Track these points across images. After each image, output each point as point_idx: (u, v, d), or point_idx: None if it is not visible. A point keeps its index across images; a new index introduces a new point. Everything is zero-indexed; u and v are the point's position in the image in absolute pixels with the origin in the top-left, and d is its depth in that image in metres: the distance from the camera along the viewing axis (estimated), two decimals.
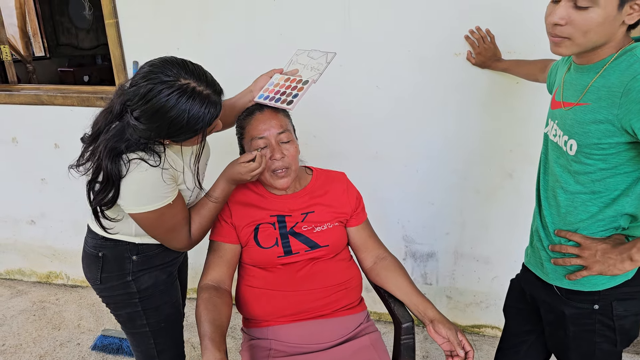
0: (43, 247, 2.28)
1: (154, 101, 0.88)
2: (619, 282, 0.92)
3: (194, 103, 0.90)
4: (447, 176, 1.74)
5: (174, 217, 1.03)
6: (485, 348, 1.85)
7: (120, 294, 1.12)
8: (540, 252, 1.01)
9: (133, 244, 1.09)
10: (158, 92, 0.88)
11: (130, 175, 0.94)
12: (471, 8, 1.49)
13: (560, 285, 0.97)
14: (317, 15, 1.61)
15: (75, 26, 4.65)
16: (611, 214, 0.88)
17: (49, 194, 2.14)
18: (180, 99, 0.88)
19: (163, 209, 0.99)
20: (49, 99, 1.96)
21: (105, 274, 1.10)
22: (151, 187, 0.96)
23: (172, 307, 1.19)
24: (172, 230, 1.04)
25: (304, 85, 1.07)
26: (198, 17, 1.70)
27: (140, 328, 1.15)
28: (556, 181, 0.94)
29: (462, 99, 1.62)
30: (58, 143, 2.04)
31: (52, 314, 2.09)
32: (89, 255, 1.12)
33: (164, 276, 1.15)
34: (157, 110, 0.89)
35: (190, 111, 0.90)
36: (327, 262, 1.15)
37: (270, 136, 1.08)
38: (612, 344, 0.96)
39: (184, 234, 1.07)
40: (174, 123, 0.90)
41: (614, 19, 0.79)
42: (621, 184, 0.86)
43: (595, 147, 0.84)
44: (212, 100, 0.93)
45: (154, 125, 0.91)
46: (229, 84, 1.28)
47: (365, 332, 1.14)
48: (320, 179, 1.22)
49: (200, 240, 1.12)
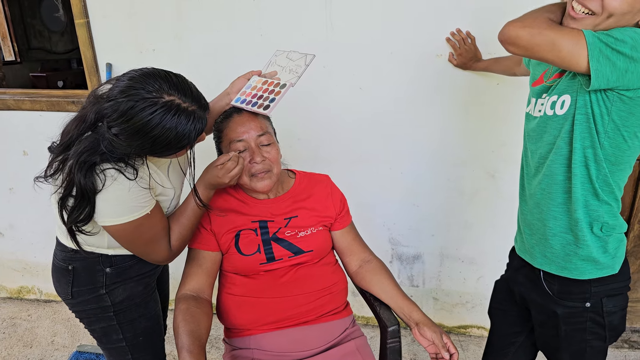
0: (13, 260, 2.18)
1: (135, 119, 0.83)
2: (604, 275, 0.93)
3: (179, 120, 0.85)
4: (432, 178, 1.74)
5: (153, 227, 0.97)
6: (472, 348, 1.85)
7: (94, 308, 1.06)
8: (527, 237, 1.02)
9: (105, 255, 1.04)
10: (140, 110, 0.82)
11: (106, 188, 0.88)
12: (452, 10, 1.50)
13: (549, 271, 0.98)
14: (299, 17, 1.59)
15: (48, 29, 4.49)
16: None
17: (17, 204, 2.05)
18: (164, 117, 0.83)
19: (141, 220, 0.93)
20: (15, 104, 1.88)
21: (77, 287, 1.05)
22: (128, 197, 0.91)
23: (150, 320, 1.14)
24: (150, 242, 0.99)
25: (281, 89, 1.04)
26: (174, 16, 1.65)
27: (116, 343, 1.10)
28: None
29: (445, 100, 1.62)
30: (27, 150, 1.95)
31: (23, 331, 1.99)
32: (58, 268, 1.07)
33: (140, 288, 1.10)
34: (140, 129, 0.83)
35: (175, 129, 0.85)
36: (312, 267, 1.12)
37: (249, 139, 1.05)
38: (602, 341, 0.98)
39: (164, 246, 1.02)
40: (158, 141, 0.85)
41: (635, 14, 0.80)
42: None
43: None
44: (197, 116, 0.88)
45: (135, 143, 0.86)
46: (207, 85, 1.24)
47: (351, 337, 1.13)
48: (303, 182, 1.19)
49: (180, 251, 1.07)
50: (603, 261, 0.93)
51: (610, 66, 0.78)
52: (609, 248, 0.93)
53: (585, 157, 0.87)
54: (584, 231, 0.92)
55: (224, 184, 1.02)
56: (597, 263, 0.93)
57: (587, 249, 0.92)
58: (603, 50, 0.78)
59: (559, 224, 0.94)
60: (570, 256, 0.94)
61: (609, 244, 0.93)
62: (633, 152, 0.88)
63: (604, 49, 0.78)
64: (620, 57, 0.77)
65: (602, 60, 0.78)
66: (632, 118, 0.83)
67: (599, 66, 0.78)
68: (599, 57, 0.78)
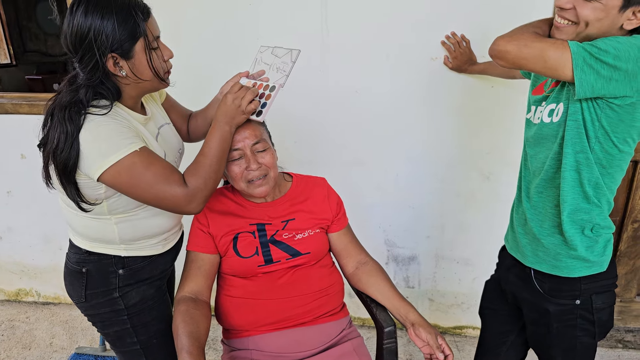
0: (11, 263, 2.17)
1: (74, 26, 0.87)
2: (593, 272, 0.96)
3: (112, 3, 0.87)
4: (427, 180, 1.75)
5: (151, 165, 0.89)
6: (467, 349, 1.87)
7: (107, 312, 1.05)
8: (520, 236, 1.03)
9: (118, 257, 1.04)
10: (73, 18, 0.87)
11: (84, 128, 0.88)
12: (447, 14, 1.52)
13: (539, 269, 1.00)
14: (295, 20, 1.60)
15: (44, 31, 4.48)
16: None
17: (15, 207, 2.05)
18: (96, 7, 0.87)
19: (131, 157, 0.88)
20: (13, 108, 1.88)
21: (90, 290, 1.04)
22: (109, 132, 0.89)
23: (163, 322, 1.12)
24: (156, 183, 0.89)
25: (271, 92, 1.04)
26: (171, 19, 1.66)
27: (130, 346, 1.09)
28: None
29: (440, 103, 1.64)
30: (24, 153, 1.96)
31: (22, 333, 1.99)
32: (71, 271, 1.06)
33: (152, 290, 1.09)
34: (84, 31, 0.86)
35: (112, 11, 0.86)
36: (309, 269, 1.14)
37: (245, 147, 1.05)
38: (592, 337, 1.00)
39: (175, 182, 0.91)
40: (105, 31, 0.86)
41: (613, 19, 0.82)
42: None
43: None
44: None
45: (91, 48, 0.87)
46: (202, 85, 1.25)
47: (348, 338, 1.14)
48: (300, 185, 1.20)
49: (203, 191, 0.93)
50: (592, 259, 0.95)
51: (594, 75, 0.80)
52: (599, 247, 0.96)
53: (577, 161, 0.90)
54: (575, 233, 0.94)
55: (241, 114, 0.98)
56: (587, 261, 0.95)
57: (577, 249, 0.95)
58: (587, 60, 0.80)
59: (552, 225, 0.97)
60: (561, 255, 0.97)
61: (598, 243, 0.95)
62: (624, 156, 0.90)
63: (588, 58, 0.80)
64: (604, 66, 0.80)
65: (586, 70, 0.81)
66: (622, 125, 0.85)
67: (583, 75, 0.81)
68: (583, 66, 0.81)
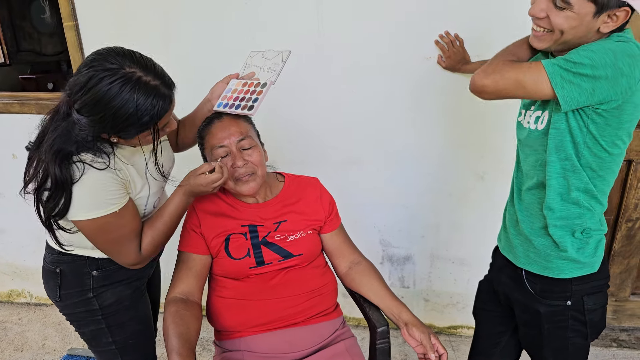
0: (3, 264, 2.16)
1: (95, 90, 0.82)
2: (585, 273, 0.95)
3: (139, 93, 0.84)
4: (421, 179, 1.75)
5: (121, 228, 0.95)
6: (463, 348, 1.87)
7: (82, 311, 1.06)
8: (512, 236, 1.03)
9: (92, 258, 1.03)
10: (99, 80, 0.82)
11: (83, 177, 0.87)
12: (440, 13, 1.52)
13: (530, 270, 0.99)
14: (288, 19, 1.59)
15: (38, 31, 4.45)
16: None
17: (7, 207, 2.03)
18: (123, 87, 0.83)
19: (108, 218, 0.91)
20: (4, 107, 1.86)
21: (65, 290, 1.05)
22: (103, 188, 0.89)
23: (140, 323, 1.13)
24: (117, 243, 0.97)
25: (262, 89, 1.04)
26: (164, 19, 1.65)
27: (106, 346, 1.10)
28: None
29: (433, 102, 1.64)
30: (16, 153, 1.94)
31: (14, 335, 1.97)
32: (47, 271, 1.07)
33: (129, 291, 1.10)
34: (99, 99, 0.83)
35: (135, 101, 0.83)
36: (301, 270, 1.13)
37: (230, 144, 1.05)
38: (584, 338, 1.00)
39: (132, 249, 0.99)
40: (118, 115, 0.84)
41: (587, 25, 0.82)
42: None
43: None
44: (161, 93, 0.87)
45: (96, 117, 0.84)
46: (197, 90, 1.24)
47: (341, 339, 1.13)
48: (292, 185, 1.19)
49: (152, 256, 1.04)
50: (583, 260, 0.95)
51: (576, 89, 0.80)
52: (589, 248, 0.95)
53: (563, 169, 0.89)
54: (565, 235, 0.94)
55: (207, 192, 1.01)
56: (578, 262, 0.95)
57: (568, 250, 0.94)
58: (565, 77, 0.80)
59: (543, 227, 0.96)
60: (552, 256, 0.96)
61: (589, 245, 0.95)
62: (615, 159, 0.89)
63: (565, 74, 0.80)
64: (584, 79, 0.79)
65: (566, 86, 0.80)
66: (609, 129, 0.85)
67: (564, 92, 0.80)
68: (562, 83, 0.80)
